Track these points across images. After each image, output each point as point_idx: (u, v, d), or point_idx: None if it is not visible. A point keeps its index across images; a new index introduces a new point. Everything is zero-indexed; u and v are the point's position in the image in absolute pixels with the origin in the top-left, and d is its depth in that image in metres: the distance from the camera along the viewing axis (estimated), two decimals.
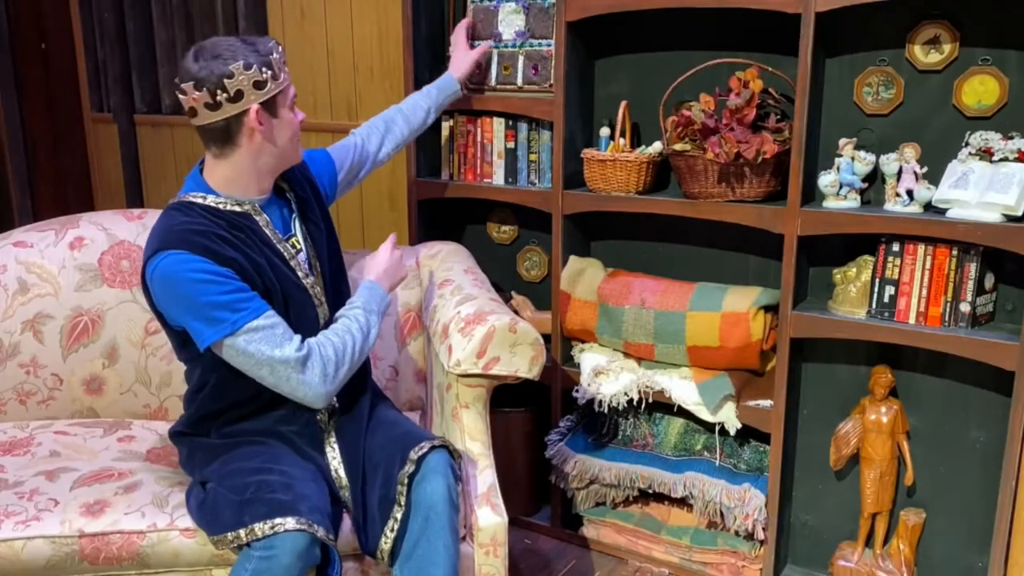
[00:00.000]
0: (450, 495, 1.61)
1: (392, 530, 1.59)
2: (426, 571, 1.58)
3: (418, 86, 2.51)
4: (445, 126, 2.55)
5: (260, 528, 1.51)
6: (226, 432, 1.74)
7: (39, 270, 2.13)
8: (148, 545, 1.64)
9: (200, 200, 1.68)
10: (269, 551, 1.48)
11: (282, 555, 1.47)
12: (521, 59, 2.21)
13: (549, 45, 2.24)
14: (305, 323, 1.71)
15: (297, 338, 1.63)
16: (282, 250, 1.72)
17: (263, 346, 1.58)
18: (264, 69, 1.61)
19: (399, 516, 1.59)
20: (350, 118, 3.00)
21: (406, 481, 1.60)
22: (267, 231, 1.72)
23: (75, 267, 2.14)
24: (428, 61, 2.55)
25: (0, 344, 2.09)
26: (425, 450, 1.63)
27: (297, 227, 1.80)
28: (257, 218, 1.71)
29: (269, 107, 1.65)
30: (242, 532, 1.53)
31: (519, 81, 2.21)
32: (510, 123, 2.44)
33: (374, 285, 1.81)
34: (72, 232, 2.19)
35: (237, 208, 1.69)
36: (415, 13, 2.46)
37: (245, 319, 1.57)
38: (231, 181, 1.69)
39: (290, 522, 1.49)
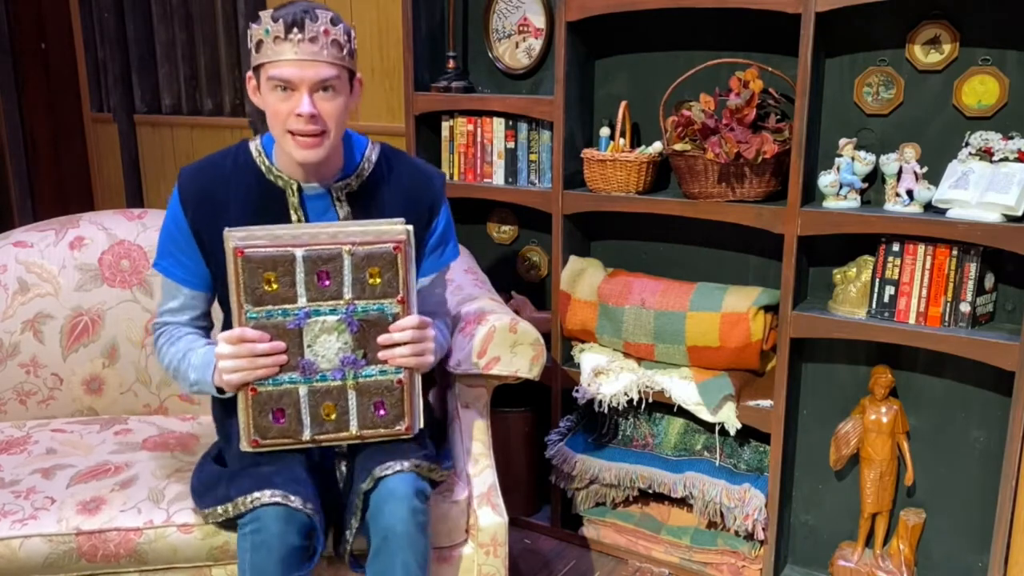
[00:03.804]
0: (414, 518, 1.52)
1: (348, 540, 1.56)
2: None
3: (418, 86, 2.52)
4: (445, 126, 2.55)
5: (242, 502, 1.50)
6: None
7: (39, 270, 2.13)
8: (145, 542, 1.64)
9: (256, 154, 1.63)
10: (256, 522, 1.48)
11: (270, 525, 1.47)
12: (353, 395, 1.52)
13: (397, 373, 1.54)
14: None
15: (164, 308, 1.69)
16: None
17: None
18: (265, 31, 1.46)
19: (354, 527, 1.55)
20: (351, 118, 3.00)
21: (362, 495, 1.54)
22: (291, 212, 1.61)
23: (75, 267, 2.14)
24: (428, 61, 2.56)
25: (0, 344, 2.09)
26: (389, 472, 1.53)
27: None
28: (291, 199, 1.61)
29: (256, 74, 1.53)
30: (229, 507, 1.54)
31: (354, 427, 1.53)
32: (510, 123, 2.44)
33: (208, 366, 1.57)
34: (72, 232, 2.18)
35: (278, 180, 1.61)
36: (415, 13, 2.46)
37: (157, 262, 1.67)
38: (277, 149, 1.60)
39: (266, 495, 1.48)
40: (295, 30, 1.45)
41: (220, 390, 1.57)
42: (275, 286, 1.47)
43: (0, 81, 3.55)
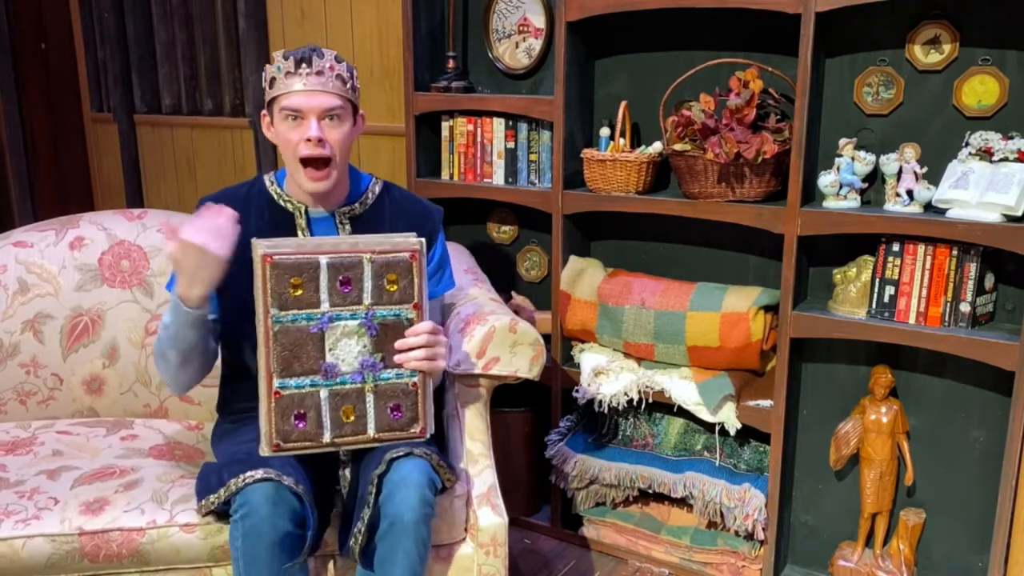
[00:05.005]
0: (422, 508, 1.55)
1: (360, 531, 1.56)
2: (381, 569, 1.56)
3: (418, 86, 2.52)
4: (445, 126, 2.55)
5: (234, 483, 1.53)
6: (235, 416, 1.77)
7: (39, 270, 2.13)
8: (148, 542, 1.64)
9: (268, 184, 1.77)
10: (245, 506, 1.49)
11: (258, 505, 1.48)
12: (371, 398, 1.57)
13: (412, 377, 1.58)
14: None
15: None
16: None
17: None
18: (277, 68, 1.63)
19: (366, 517, 1.56)
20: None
21: (375, 480, 1.56)
22: (299, 232, 1.73)
23: (75, 267, 2.14)
24: (428, 61, 2.56)
25: (0, 344, 2.09)
26: (400, 454, 1.57)
27: None
28: (299, 221, 1.74)
29: (270, 109, 1.68)
30: (222, 491, 1.56)
31: (371, 429, 1.57)
32: (510, 123, 2.44)
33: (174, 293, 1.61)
34: (72, 232, 2.19)
35: (288, 205, 1.75)
36: (415, 13, 2.46)
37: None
38: (289, 176, 1.74)
39: (259, 473, 1.51)
40: (303, 65, 1.62)
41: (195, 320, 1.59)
42: (300, 291, 1.52)
43: (0, 81, 3.55)
